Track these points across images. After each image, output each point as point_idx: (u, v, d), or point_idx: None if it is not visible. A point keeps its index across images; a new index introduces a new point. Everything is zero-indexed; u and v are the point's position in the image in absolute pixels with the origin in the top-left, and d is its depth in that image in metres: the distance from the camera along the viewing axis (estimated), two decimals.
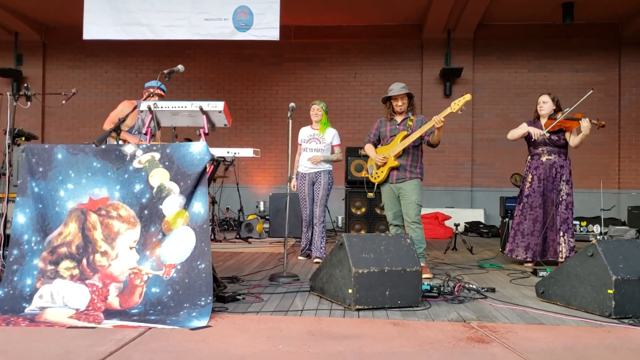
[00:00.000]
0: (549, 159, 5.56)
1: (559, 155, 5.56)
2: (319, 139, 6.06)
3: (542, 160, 5.59)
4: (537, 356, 2.71)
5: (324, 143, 6.06)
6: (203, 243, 3.52)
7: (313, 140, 6.07)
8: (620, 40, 10.63)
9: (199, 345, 2.83)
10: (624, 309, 3.49)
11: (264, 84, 11.24)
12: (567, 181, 5.53)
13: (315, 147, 6.05)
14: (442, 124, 4.88)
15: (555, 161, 5.55)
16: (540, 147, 5.63)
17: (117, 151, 3.71)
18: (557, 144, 5.55)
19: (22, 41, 11.26)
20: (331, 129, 6.15)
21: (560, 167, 5.54)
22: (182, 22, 8.44)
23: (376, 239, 3.93)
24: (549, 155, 5.57)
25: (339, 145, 6.17)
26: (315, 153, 6.03)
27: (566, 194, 5.51)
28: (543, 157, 5.60)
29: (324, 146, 6.06)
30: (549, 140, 5.56)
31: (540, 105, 5.70)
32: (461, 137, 10.72)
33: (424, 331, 3.17)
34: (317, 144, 6.05)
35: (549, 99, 5.66)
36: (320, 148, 6.04)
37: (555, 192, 5.51)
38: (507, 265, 5.82)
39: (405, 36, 10.98)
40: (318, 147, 6.05)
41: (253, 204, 10.55)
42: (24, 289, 3.51)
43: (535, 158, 5.67)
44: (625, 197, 10.46)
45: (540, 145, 5.62)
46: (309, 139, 6.07)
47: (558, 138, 5.55)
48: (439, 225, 9.32)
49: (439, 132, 4.99)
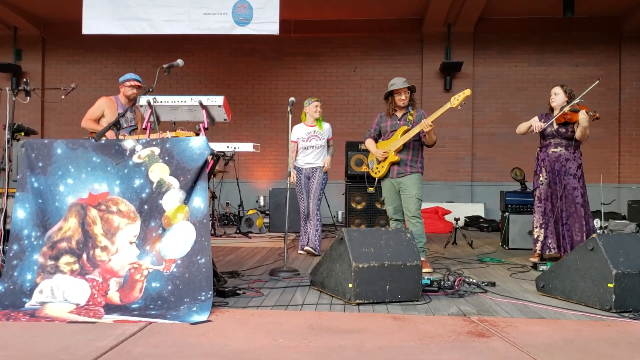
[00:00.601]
0: (554, 151, 5.49)
1: (566, 148, 5.46)
2: (318, 136, 6.08)
3: (549, 152, 5.52)
4: (538, 350, 2.71)
5: (323, 139, 6.10)
6: (203, 238, 3.52)
7: (313, 137, 6.07)
8: (620, 34, 10.61)
9: (200, 340, 2.83)
10: (624, 302, 3.49)
11: (264, 78, 11.22)
12: (574, 175, 5.41)
13: (316, 144, 6.07)
14: (430, 128, 4.89)
15: (561, 154, 5.46)
16: (548, 139, 5.55)
17: (116, 146, 3.70)
18: (565, 136, 5.46)
19: (21, 36, 11.25)
20: (325, 123, 6.20)
21: (566, 160, 5.44)
22: (181, 17, 8.42)
23: (376, 234, 3.92)
24: (555, 148, 5.49)
25: (332, 138, 6.25)
26: (317, 150, 6.07)
27: (572, 188, 5.39)
28: (550, 149, 5.52)
29: (323, 142, 6.10)
30: (557, 132, 5.47)
31: (552, 97, 5.57)
32: (461, 131, 10.71)
33: (424, 325, 3.17)
34: (317, 141, 6.07)
35: (560, 90, 5.53)
36: (321, 144, 6.08)
37: (561, 186, 5.44)
38: (507, 260, 5.82)
39: (405, 30, 10.96)
40: (319, 143, 6.07)
41: (253, 199, 10.55)
42: (24, 284, 3.50)
43: (543, 150, 5.59)
44: (625, 191, 10.46)
45: (549, 137, 5.53)
46: (309, 137, 6.07)
47: (566, 130, 5.45)
48: (439, 220, 9.32)
49: (429, 135, 5.00)
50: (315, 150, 6.06)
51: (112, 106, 5.64)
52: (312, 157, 6.07)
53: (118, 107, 5.65)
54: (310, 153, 6.07)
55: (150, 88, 4.23)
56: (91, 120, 5.63)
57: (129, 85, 5.65)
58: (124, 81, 5.70)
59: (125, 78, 5.70)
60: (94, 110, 5.65)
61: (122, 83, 5.71)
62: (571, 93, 5.54)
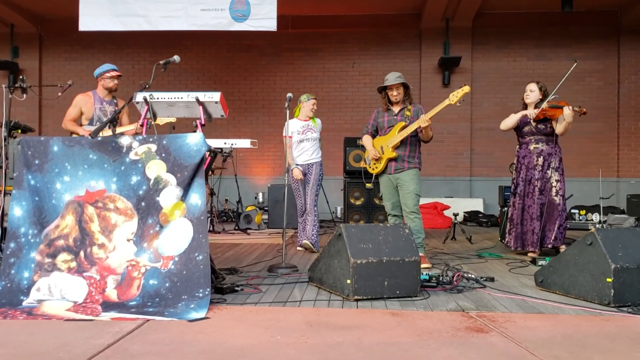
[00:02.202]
0: (536, 147, 5.55)
1: (547, 144, 5.53)
2: (313, 129, 6.20)
3: (530, 148, 5.58)
4: (536, 345, 2.70)
5: (317, 132, 6.24)
6: (201, 235, 3.51)
7: (309, 130, 6.17)
8: (619, 28, 10.58)
9: (197, 337, 2.82)
10: (623, 297, 3.48)
11: (262, 74, 11.20)
12: (556, 168, 5.48)
13: (312, 137, 6.18)
14: (427, 124, 4.88)
15: (543, 149, 5.51)
16: (527, 137, 5.62)
17: (113, 143, 3.69)
18: (544, 132, 5.53)
19: (18, 33, 11.20)
20: (317, 118, 6.35)
21: (548, 155, 5.50)
22: (178, 13, 8.39)
23: (374, 229, 3.91)
24: (537, 144, 5.55)
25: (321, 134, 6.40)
26: (312, 142, 6.17)
27: (556, 181, 5.46)
28: (531, 145, 5.58)
29: (317, 134, 6.24)
30: (536, 129, 5.54)
31: (526, 94, 5.66)
32: (460, 126, 10.69)
33: (422, 321, 3.16)
34: (312, 134, 6.18)
35: (536, 87, 5.62)
36: (315, 137, 6.21)
37: (544, 180, 5.48)
38: (506, 255, 5.81)
39: (403, 25, 10.93)
40: (314, 135, 6.20)
41: (252, 195, 10.53)
42: (22, 281, 3.49)
43: (523, 147, 5.67)
44: (624, 185, 10.45)
45: (527, 134, 5.62)
46: (304, 130, 6.15)
47: (545, 126, 5.52)
48: (437, 215, 9.31)
49: (426, 131, 5.00)
50: (310, 142, 6.14)
51: (89, 102, 5.50)
52: (308, 153, 6.11)
53: (95, 102, 5.50)
54: (305, 147, 6.11)
55: (147, 84, 4.20)
56: (69, 120, 5.50)
57: (110, 76, 5.48)
58: (102, 73, 5.50)
59: (104, 70, 5.51)
60: (71, 110, 5.52)
61: (101, 75, 5.51)
62: (545, 91, 5.61)
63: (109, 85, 5.53)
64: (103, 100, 5.54)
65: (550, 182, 5.48)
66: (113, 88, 5.55)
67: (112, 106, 5.54)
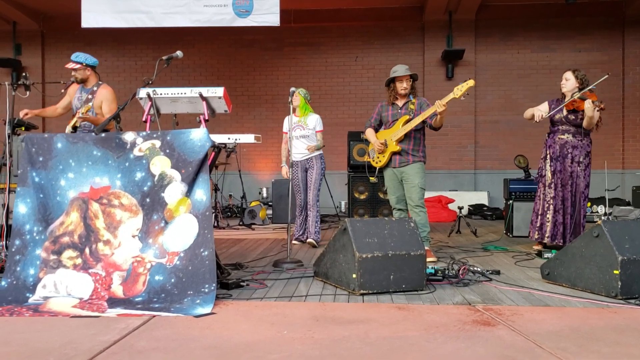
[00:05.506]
0: (561, 137, 5.35)
1: (574, 136, 5.31)
2: (302, 126, 6.02)
3: (556, 138, 5.40)
4: (544, 338, 2.69)
5: (308, 129, 6.02)
6: (206, 230, 3.51)
7: (297, 127, 6.02)
8: (624, 19, 10.50)
9: (204, 333, 2.82)
10: (630, 289, 3.47)
11: (265, 69, 11.17)
12: (579, 162, 5.28)
13: (300, 134, 6.01)
14: (444, 109, 4.81)
15: (568, 141, 5.32)
16: (557, 125, 5.41)
17: (117, 139, 3.68)
18: (574, 123, 5.31)
19: (20, 30, 11.20)
20: (314, 115, 6.12)
21: (572, 148, 5.30)
22: (181, 9, 8.38)
23: (380, 224, 3.90)
24: (563, 134, 5.35)
25: (321, 132, 6.14)
26: (302, 140, 6.00)
27: (577, 177, 5.27)
28: (557, 135, 5.40)
29: (308, 132, 6.02)
30: (566, 118, 5.33)
31: (562, 83, 5.42)
32: (464, 119, 10.65)
33: (429, 315, 3.16)
34: (301, 130, 6.01)
35: (571, 76, 5.37)
36: (304, 134, 6.01)
37: (567, 173, 5.32)
38: (511, 248, 5.80)
39: (406, 18, 10.87)
40: (302, 133, 6.01)
41: (256, 191, 10.52)
42: (27, 279, 3.50)
43: (550, 136, 5.46)
44: (629, 177, 10.40)
45: (557, 123, 5.40)
46: (294, 127, 6.00)
47: (575, 117, 5.30)
48: (442, 209, 9.30)
49: (441, 117, 4.93)
50: (299, 140, 5.99)
51: (74, 91, 5.32)
52: (299, 150, 5.99)
53: (77, 92, 5.29)
54: (295, 144, 5.96)
55: (150, 80, 4.19)
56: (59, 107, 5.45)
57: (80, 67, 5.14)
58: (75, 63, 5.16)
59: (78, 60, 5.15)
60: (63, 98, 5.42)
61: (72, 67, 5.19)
62: (584, 79, 5.36)
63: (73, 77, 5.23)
64: (83, 89, 5.26)
65: (572, 176, 5.29)
66: (78, 79, 5.20)
67: (86, 94, 5.21)
